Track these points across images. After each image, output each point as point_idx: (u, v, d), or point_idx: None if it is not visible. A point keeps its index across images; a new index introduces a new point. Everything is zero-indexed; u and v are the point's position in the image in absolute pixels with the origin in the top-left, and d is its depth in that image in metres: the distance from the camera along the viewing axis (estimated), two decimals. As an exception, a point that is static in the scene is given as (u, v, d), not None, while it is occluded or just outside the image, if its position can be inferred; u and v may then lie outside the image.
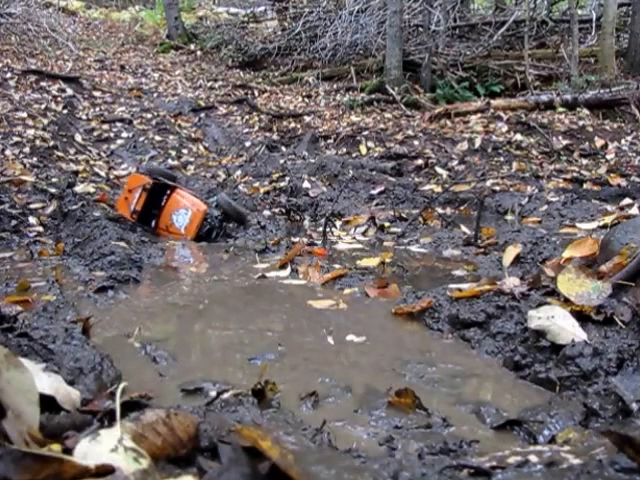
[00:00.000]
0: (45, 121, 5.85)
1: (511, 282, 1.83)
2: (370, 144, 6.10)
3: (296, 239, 3.04)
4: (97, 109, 7.07)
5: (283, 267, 2.47)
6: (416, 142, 5.98)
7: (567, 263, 1.84)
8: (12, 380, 0.74)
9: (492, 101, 7.07)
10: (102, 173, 4.89)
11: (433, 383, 1.42)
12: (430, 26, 8.33)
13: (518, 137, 5.99)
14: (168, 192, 3.29)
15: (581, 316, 1.52)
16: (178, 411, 0.80)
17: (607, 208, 3.38)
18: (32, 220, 3.23)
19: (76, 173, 4.68)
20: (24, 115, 5.83)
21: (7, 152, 4.81)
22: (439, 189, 4.26)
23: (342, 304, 2.03)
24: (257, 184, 4.59)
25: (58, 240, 2.96)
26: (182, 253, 2.91)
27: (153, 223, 3.28)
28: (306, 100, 8.27)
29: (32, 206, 3.41)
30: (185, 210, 3.21)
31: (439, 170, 5.16)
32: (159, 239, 3.15)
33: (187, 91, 8.50)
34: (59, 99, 6.89)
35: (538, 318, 1.51)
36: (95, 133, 6.23)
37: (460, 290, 1.90)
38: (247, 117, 7.37)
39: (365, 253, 2.77)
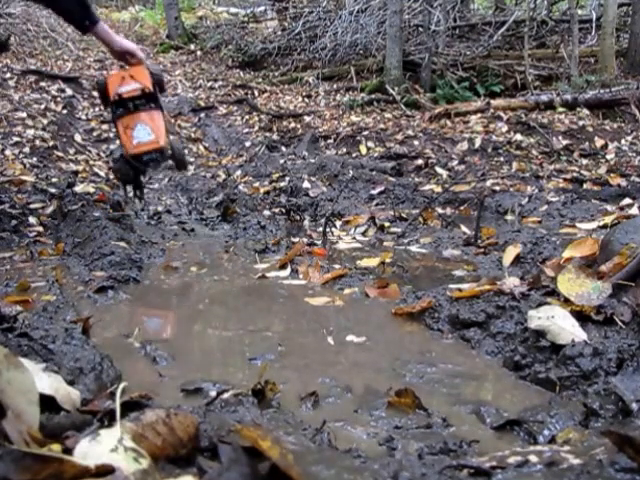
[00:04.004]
0: (45, 121, 5.85)
1: (511, 282, 1.83)
2: (370, 144, 6.10)
3: (296, 239, 3.04)
4: (97, 109, 7.07)
5: (283, 267, 2.47)
6: (416, 142, 5.99)
7: (567, 263, 1.84)
8: (12, 380, 0.74)
9: (492, 101, 7.07)
10: (102, 173, 4.89)
11: (433, 383, 1.42)
12: (430, 26, 8.33)
13: (518, 137, 5.99)
14: (152, 105, 3.21)
15: (581, 316, 1.52)
16: (178, 411, 0.80)
17: (607, 208, 3.37)
18: (32, 220, 3.22)
19: (76, 173, 4.68)
20: (24, 115, 5.83)
21: (7, 152, 4.81)
22: (439, 189, 4.26)
23: (338, 301, 2.03)
24: (257, 184, 4.59)
25: (58, 240, 2.96)
26: (182, 253, 2.91)
27: (119, 111, 3.17)
28: (306, 100, 8.28)
29: (32, 206, 3.40)
30: (150, 131, 3.14)
31: (439, 170, 5.16)
32: (159, 240, 3.15)
33: (187, 91, 8.51)
34: (59, 99, 6.89)
35: (538, 318, 1.51)
36: (95, 133, 6.24)
37: (460, 290, 1.90)
38: (247, 117, 7.38)
39: (365, 253, 2.77)
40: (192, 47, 11.30)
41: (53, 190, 3.75)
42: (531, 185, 4.40)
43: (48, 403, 0.88)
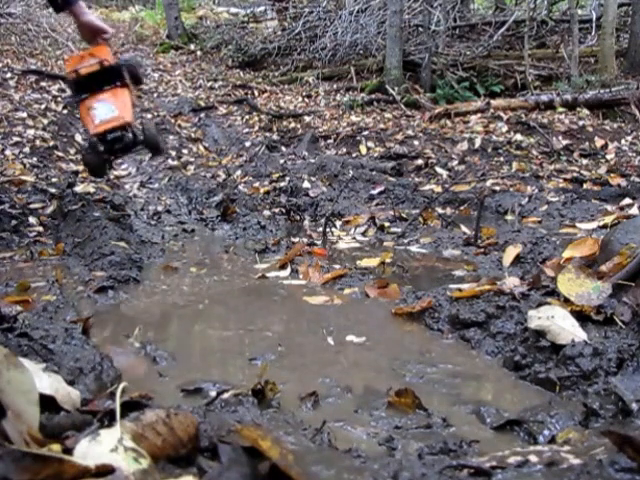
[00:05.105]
0: (45, 121, 5.85)
1: (511, 282, 1.83)
2: (370, 144, 6.10)
3: (296, 239, 3.04)
4: (97, 109, 7.05)
5: (283, 267, 2.47)
6: (416, 142, 5.98)
7: (567, 263, 1.84)
8: (12, 380, 0.74)
9: (492, 101, 7.07)
10: (102, 173, 4.89)
11: (433, 383, 1.43)
12: (430, 26, 8.33)
13: (518, 137, 5.98)
14: (117, 83, 3.06)
15: (581, 316, 1.52)
16: (178, 411, 0.80)
17: (607, 208, 3.37)
18: (32, 220, 3.22)
19: (76, 173, 4.68)
20: (24, 115, 5.82)
21: (7, 152, 4.81)
22: (439, 189, 4.25)
23: (338, 301, 2.03)
24: (257, 184, 4.58)
25: (58, 240, 2.96)
26: (182, 253, 2.91)
27: (83, 96, 3.02)
28: (306, 100, 8.27)
29: (32, 206, 3.40)
30: (113, 108, 2.99)
31: (439, 170, 5.16)
32: (159, 240, 3.15)
33: (187, 91, 8.50)
34: (59, 99, 6.88)
35: (538, 318, 1.52)
36: (95, 133, 6.22)
37: (460, 290, 1.90)
38: (247, 117, 7.37)
39: (365, 253, 2.77)
40: (192, 47, 11.29)
41: (53, 190, 3.75)
42: (531, 185, 4.39)
43: (48, 403, 0.88)
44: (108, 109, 2.98)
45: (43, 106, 6.35)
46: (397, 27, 7.74)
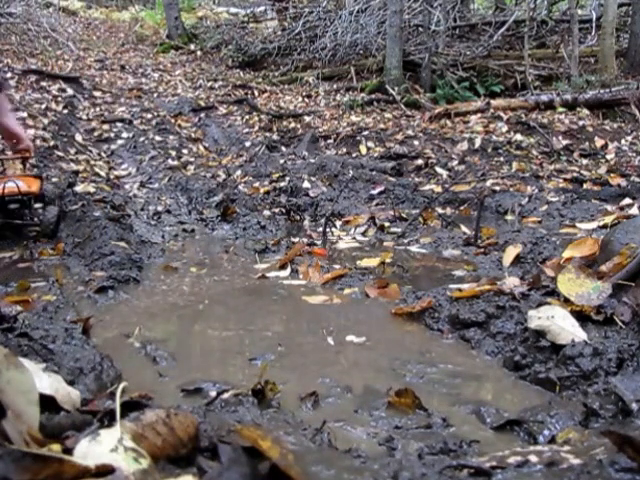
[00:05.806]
0: (45, 121, 5.85)
1: (511, 282, 1.83)
2: (370, 144, 6.09)
3: (296, 239, 3.04)
4: (97, 109, 7.07)
5: (283, 267, 2.47)
6: (416, 142, 5.98)
7: (567, 263, 1.84)
8: (12, 380, 0.74)
9: (492, 101, 7.07)
10: (102, 173, 4.89)
11: (433, 383, 1.43)
12: (430, 26, 8.33)
13: (518, 137, 5.98)
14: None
15: (581, 316, 1.52)
16: (178, 411, 0.80)
17: (607, 208, 3.37)
18: (32, 220, 3.22)
19: (76, 173, 4.68)
20: (24, 115, 5.82)
21: (7, 152, 4.80)
22: (439, 189, 4.25)
23: (338, 301, 2.03)
24: (257, 184, 4.58)
25: (58, 240, 2.96)
26: (182, 253, 2.91)
27: None
28: (306, 100, 8.27)
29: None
30: (21, 184, 2.93)
31: (439, 170, 5.16)
32: (159, 240, 3.15)
33: (187, 91, 8.50)
34: (59, 99, 6.89)
35: (538, 318, 1.52)
36: (95, 133, 6.23)
37: (460, 290, 1.90)
38: (247, 117, 7.37)
39: (365, 253, 2.77)
40: (192, 47, 11.29)
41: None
42: (531, 185, 4.39)
43: (48, 403, 0.88)
44: (15, 184, 2.93)
45: (43, 106, 6.35)
46: (397, 27, 7.74)
